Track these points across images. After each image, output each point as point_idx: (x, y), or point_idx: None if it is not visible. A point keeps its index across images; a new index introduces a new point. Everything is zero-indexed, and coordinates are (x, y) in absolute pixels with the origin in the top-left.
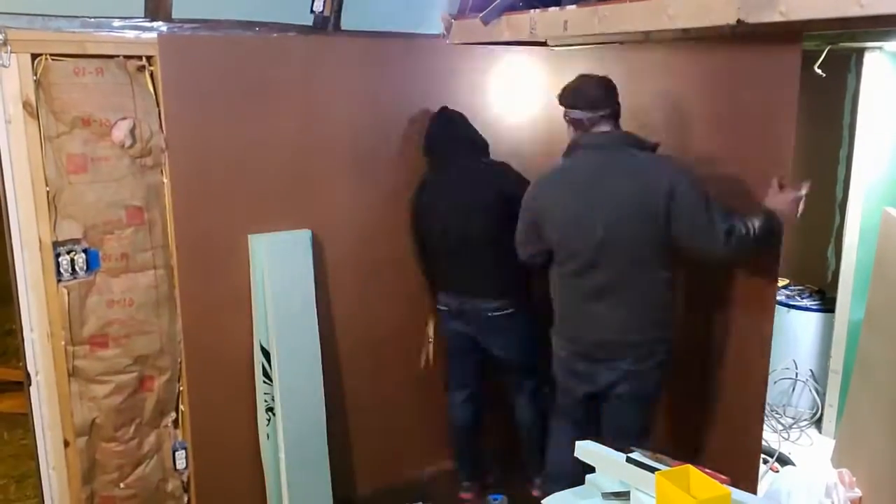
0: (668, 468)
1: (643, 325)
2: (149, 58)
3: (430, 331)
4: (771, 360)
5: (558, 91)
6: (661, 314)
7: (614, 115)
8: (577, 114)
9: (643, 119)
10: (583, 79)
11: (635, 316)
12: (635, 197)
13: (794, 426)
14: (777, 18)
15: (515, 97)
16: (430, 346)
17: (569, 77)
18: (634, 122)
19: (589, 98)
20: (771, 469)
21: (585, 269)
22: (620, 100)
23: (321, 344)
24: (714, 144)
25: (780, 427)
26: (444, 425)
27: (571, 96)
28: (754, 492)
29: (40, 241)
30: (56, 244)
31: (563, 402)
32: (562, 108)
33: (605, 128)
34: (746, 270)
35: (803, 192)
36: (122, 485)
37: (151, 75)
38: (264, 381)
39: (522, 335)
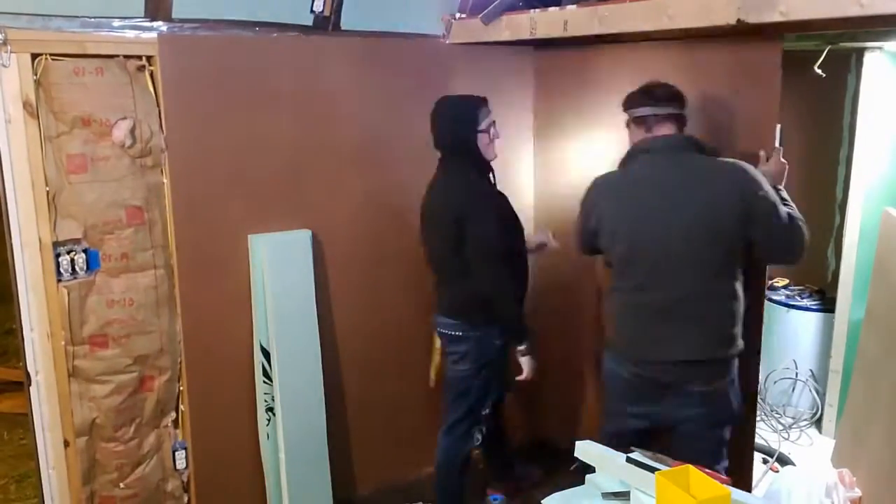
0: (667, 468)
1: (718, 341)
2: (149, 58)
3: (438, 342)
4: (771, 359)
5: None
6: (734, 328)
7: (680, 120)
8: (643, 110)
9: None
10: (652, 81)
11: (709, 332)
12: (707, 203)
13: (794, 426)
14: (777, 18)
15: (514, 98)
16: (437, 361)
17: (564, 76)
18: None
19: (657, 94)
20: (771, 469)
21: (652, 282)
22: (621, 100)
23: (321, 344)
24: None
25: (780, 427)
26: None
27: (639, 95)
28: (749, 490)
29: (40, 241)
30: (56, 244)
31: (615, 429)
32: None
33: (667, 130)
34: None
35: (781, 157)
36: (122, 485)
37: (151, 75)
38: (264, 381)
39: (470, 360)
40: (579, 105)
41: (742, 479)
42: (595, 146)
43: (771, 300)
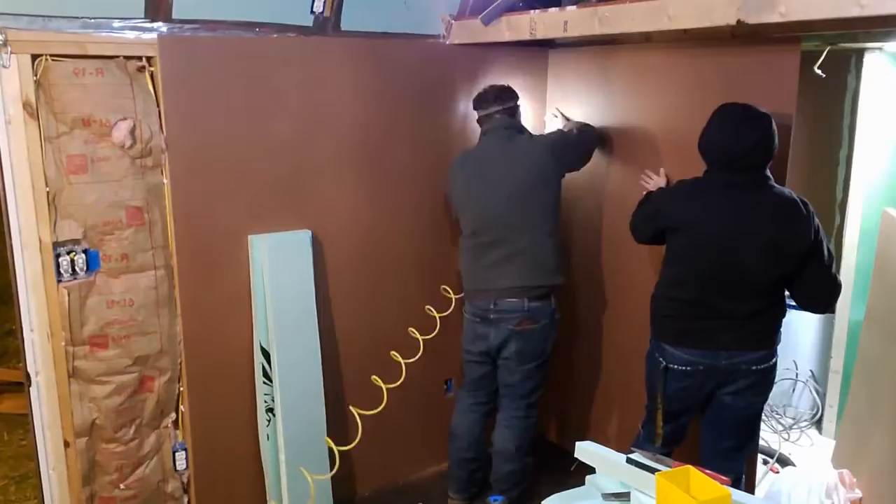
0: (668, 469)
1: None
2: (149, 58)
3: None
4: None
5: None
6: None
7: (507, 111)
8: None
9: (644, 121)
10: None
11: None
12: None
13: (795, 427)
14: (777, 19)
15: (526, 99)
16: None
17: (568, 77)
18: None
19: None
20: (771, 470)
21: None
22: (620, 101)
23: (321, 344)
24: None
25: (780, 428)
26: (443, 426)
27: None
28: (752, 491)
29: (40, 242)
30: (56, 244)
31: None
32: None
33: (497, 121)
34: None
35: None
36: (122, 486)
37: (151, 76)
38: (264, 382)
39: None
40: (595, 105)
41: (745, 479)
42: (612, 146)
43: None
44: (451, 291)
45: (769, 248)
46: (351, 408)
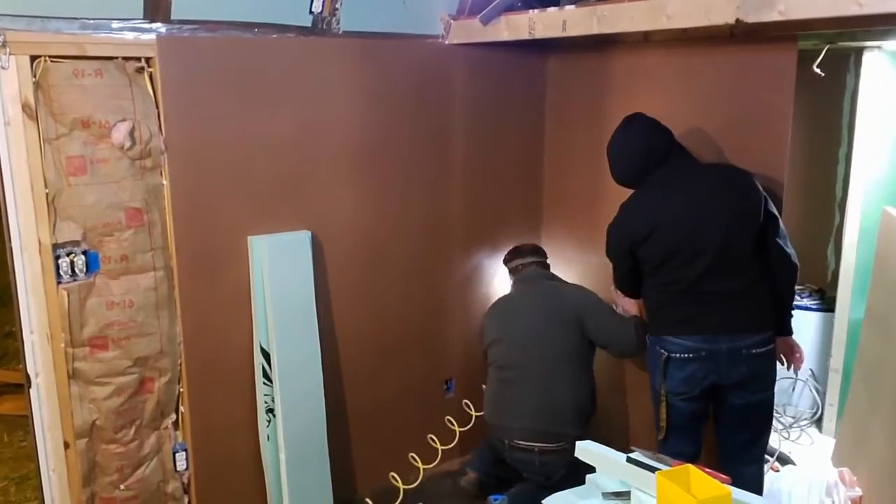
0: (668, 468)
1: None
2: (148, 59)
3: None
4: None
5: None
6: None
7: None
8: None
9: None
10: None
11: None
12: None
13: (795, 425)
14: (776, 18)
15: (516, 99)
16: None
17: (566, 76)
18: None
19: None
20: (771, 469)
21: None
22: (618, 100)
23: (321, 345)
24: (710, 144)
25: (780, 426)
26: (444, 426)
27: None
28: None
29: (40, 243)
30: (55, 246)
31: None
32: None
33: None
34: None
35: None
36: (122, 486)
37: (150, 77)
38: (264, 383)
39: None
40: (594, 108)
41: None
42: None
43: None
44: (449, 278)
45: (724, 218)
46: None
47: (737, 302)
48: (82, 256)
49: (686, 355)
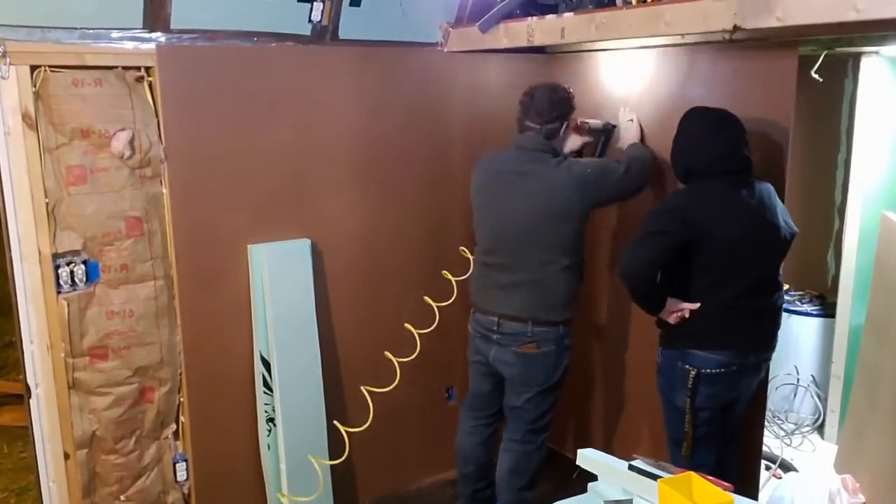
0: (670, 475)
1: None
2: (147, 68)
3: None
4: (772, 365)
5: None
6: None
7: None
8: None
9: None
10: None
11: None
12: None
13: (797, 432)
14: (773, 24)
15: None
16: None
17: (566, 83)
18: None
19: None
20: (774, 476)
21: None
22: (617, 106)
23: (321, 353)
24: None
25: (782, 433)
26: (445, 435)
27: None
28: (756, 498)
29: (40, 253)
30: (55, 256)
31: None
32: None
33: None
34: None
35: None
36: (122, 497)
37: (150, 86)
38: (265, 392)
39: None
40: (593, 113)
41: (748, 485)
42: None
43: None
44: (452, 285)
45: (776, 237)
46: (363, 388)
47: (771, 319)
48: (82, 266)
49: (718, 370)
